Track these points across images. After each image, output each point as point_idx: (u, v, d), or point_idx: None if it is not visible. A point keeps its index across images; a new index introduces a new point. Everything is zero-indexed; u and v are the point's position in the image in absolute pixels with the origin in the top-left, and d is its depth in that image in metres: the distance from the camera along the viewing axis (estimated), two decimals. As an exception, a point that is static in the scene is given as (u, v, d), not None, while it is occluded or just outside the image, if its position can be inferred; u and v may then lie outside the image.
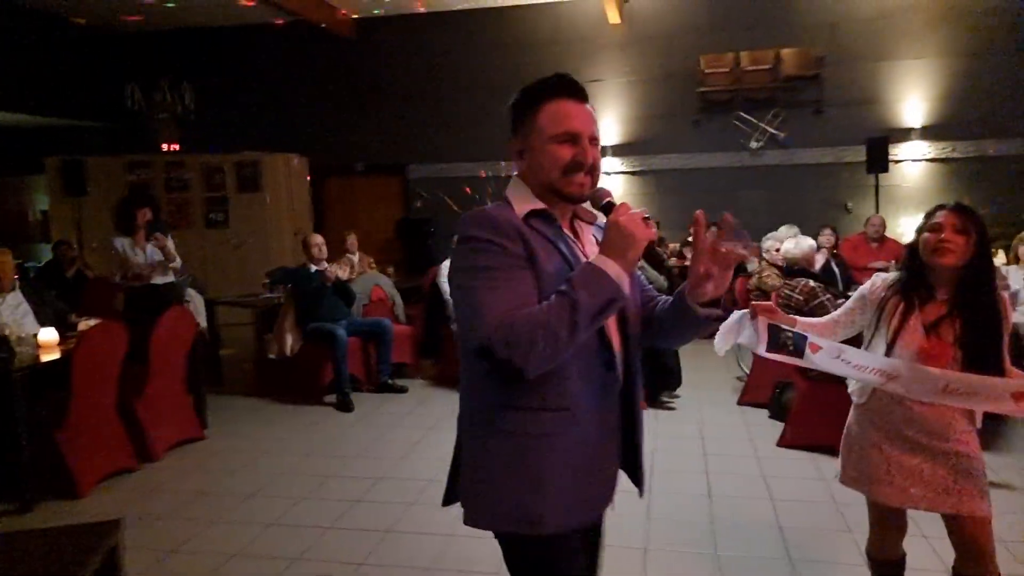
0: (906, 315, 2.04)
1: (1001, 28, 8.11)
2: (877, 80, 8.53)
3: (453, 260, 1.39)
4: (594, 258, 1.33)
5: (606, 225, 1.35)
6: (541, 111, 1.44)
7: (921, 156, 8.51)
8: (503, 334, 1.25)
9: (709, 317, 1.44)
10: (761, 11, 8.70)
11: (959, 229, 1.97)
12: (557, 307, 1.27)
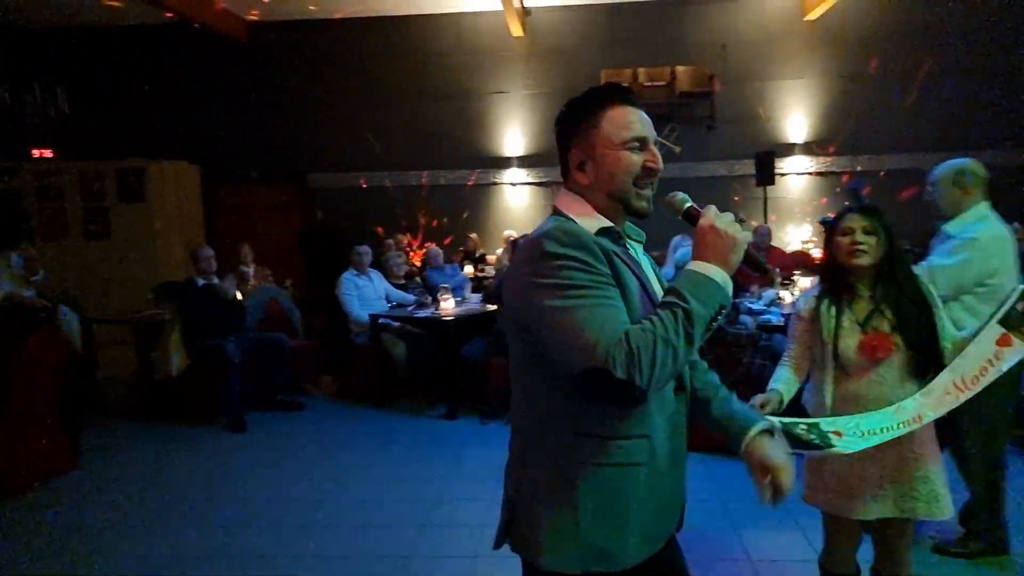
0: (839, 317, 2.12)
1: (872, 54, 8.78)
2: (764, 98, 9.03)
3: (529, 278, 1.26)
4: (696, 265, 1.27)
5: (699, 230, 1.31)
6: (604, 118, 1.38)
7: (804, 170, 9.06)
8: (621, 353, 1.15)
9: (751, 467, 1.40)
10: (658, 29, 9.03)
11: (868, 230, 2.09)
12: (671, 319, 1.19)
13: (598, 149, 1.38)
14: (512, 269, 1.37)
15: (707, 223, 1.30)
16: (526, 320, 1.28)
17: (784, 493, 1.34)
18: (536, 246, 1.27)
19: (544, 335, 1.24)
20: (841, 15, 8.67)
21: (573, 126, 1.42)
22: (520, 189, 9.38)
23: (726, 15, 8.93)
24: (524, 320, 1.29)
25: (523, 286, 1.27)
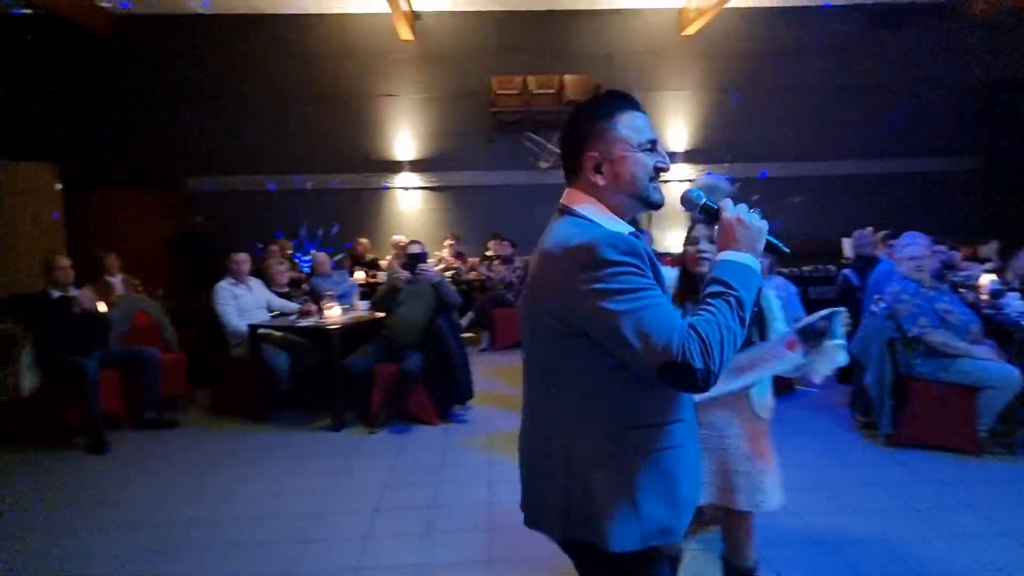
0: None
1: (745, 68, 9.34)
2: (648, 108, 9.28)
3: (589, 284, 1.31)
4: (732, 255, 1.37)
5: (727, 224, 1.41)
6: (619, 122, 1.45)
7: (685, 177, 9.48)
8: (696, 345, 1.24)
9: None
10: (547, 38, 9.20)
11: (712, 239, 2.19)
12: (727, 307, 1.30)
13: (616, 152, 1.44)
14: (558, 277, 1.37)
15: (734, 216, 1.41)
16: (583, 325, 1.34)
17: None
18: (591, 253, 1.31)
19: (614, 338, 1.30)
20: (716, 32, 9.17)
21: (589, 129, 1.47)
22: (412, 193, 9.27)
23: (611, 27, 9.22)
24: (580, 325, 1.35)
25: (581, 292, 1.31)
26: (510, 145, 9.26)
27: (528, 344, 1.52)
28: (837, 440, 4.51)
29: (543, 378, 1.48)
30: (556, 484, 1.45)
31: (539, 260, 1.43)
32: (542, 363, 1.47)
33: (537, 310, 1.44)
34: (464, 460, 4.33)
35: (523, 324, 1.53)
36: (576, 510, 1.43)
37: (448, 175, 9.24)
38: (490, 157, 9.27)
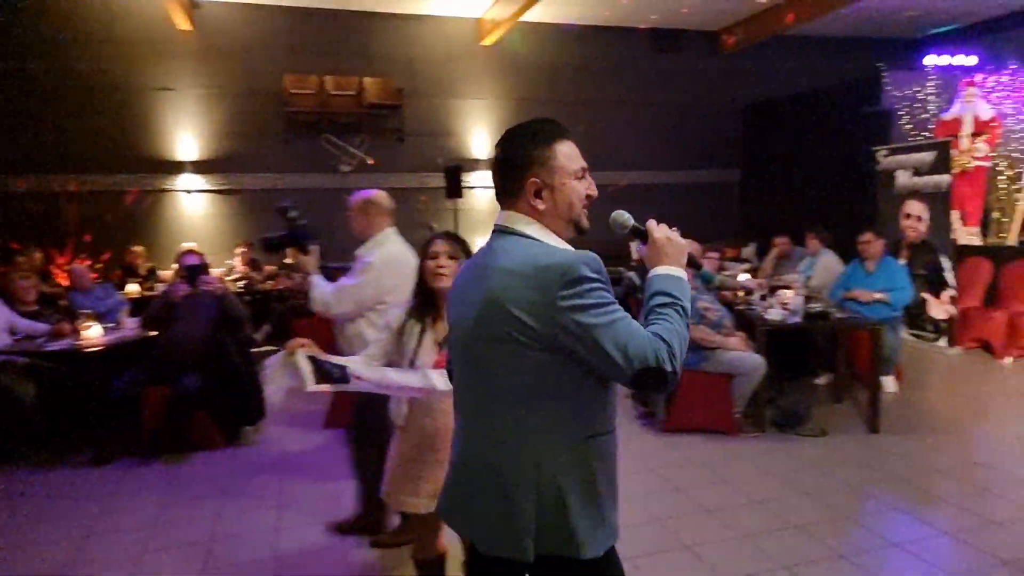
0: (421, 335, 2.24)
1: (540, 80, 9.78)
2: (451, 114, 9.49)
3: (567, 301, 1.36)
4: (667, 269, 1.50)
5: (658, 241, 1.53)
6: (557, 151, 1.51)
7: (489, 184, 9.70)
8: (664, 350, 1.35)
9: None
10: (344, 38, 8.92)
11: (451, 255, 2.22)
12: (677, 315, 1.42)
13: (557, 179, 1.50)
14: (533, 294, 1.39)
15: (664, 235, 1.53)
16: (559, 339, 1.38)
17: None
18: (569, 271, 1.37)
19: (593, 350, 1.36)
20: (513, 44, 9.51)
21: (531, 155, 1.50)
22: (197, 197, 8.51)
23: (411, 32, 9.18)
24: (555, 339, 1.38)
25: (559, 308, 1.36)
26: (308, 147, 8.86)
27: (475, 367, 1.51)
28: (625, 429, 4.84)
29: (506, 398, 1.46)
30: (525, 504, 1.45)
31: (500, 279, 1.43)
32: (505, 383, 1.46)
33: (496, 329, 1.43)
34: (250, 485, 4.02)
35: (466, 347, 1.53)
36: (548, 525, 1.45)
37: (239, 177, 8.61)
38: (286, 159, 8.80)
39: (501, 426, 1.47)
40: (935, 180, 6.50)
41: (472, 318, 1.48)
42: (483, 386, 1.50)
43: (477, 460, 1.53)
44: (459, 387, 1.61)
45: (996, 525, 3.30)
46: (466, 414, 1.58)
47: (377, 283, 3.05)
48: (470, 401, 1.56)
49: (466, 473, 1.56)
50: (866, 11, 9.16)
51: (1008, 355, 6.25)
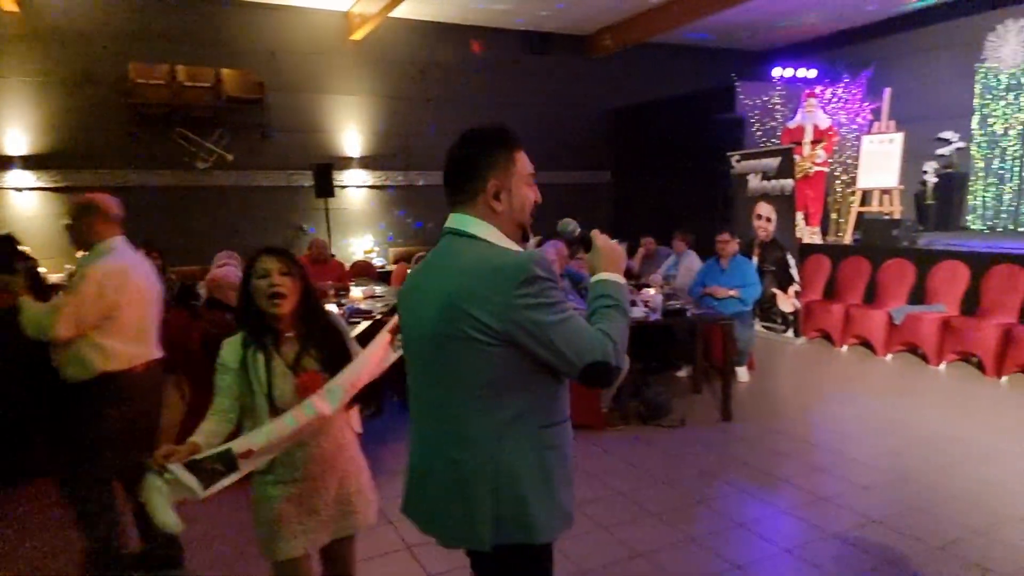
0: (269, 363, 1.96)
1: (412, 78, 9.62)
2: (318, 110, 9.12)
3: (524, 300, 1.42)
4: (610, 275, 1.60)
5: (600, 249, 1.62)
6: (516, 157, 1.59)
7: (362, 183, 9.45)
8: (613, 347, 1.46)
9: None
10: (198, 26, 8.35)
11: (284, 271, 1.98)
12: (620, 317, 1.53)
13: (511, 181, 1.57)
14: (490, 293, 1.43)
15: (607, 243, 1.64)
16: (515, 335, 1.43)
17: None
18: (524, 271, 1.42)
19: (546, 345, 1.43)
20: (383, 40, 9.29)
21: (494, 158, 1.57)
22: (27, 195, 7.67)
23: (273, 23, 8.74)
24: (511, 335, 1.43)
25: (516, 307, 1.42)
26: (158, 142, 8.21)
27: (434, 365, 1.54)
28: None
29: (466, 393, 1.50)
30: (484, 495, 1.50)
31: (457, 280, 1.47)
32: (465, 379, 1.50)
33: (456, 328, 1.46)
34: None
35: (424, 346, 1.55)
36: (507, 514, 1.50)
37: (77, 174, 7.82)
38: (133, 155, 8.10)
39: (462, 421, 1.52)
40: (781, 184, 7.00)
41: (431, 318, 1.51)
42: (442, 384, 1.54)
43: (438, 457, 1.56)
44: (415, 387, 1.63)
45: (825, 501, 3.55)
46: (423, 413, 1.61)
47: (99, 299, 2.62)
48: (428, 399, 1.59)
49: (426, 472, 1.60)
50: (723, 24, 9.75)
51: (845, 343, 6.83)
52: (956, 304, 6.25)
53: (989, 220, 8.98)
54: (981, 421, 4.69)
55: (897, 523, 3.28)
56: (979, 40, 8.89)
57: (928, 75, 9.48)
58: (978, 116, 8.97)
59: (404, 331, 1.66)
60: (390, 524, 3.30)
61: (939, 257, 6.52)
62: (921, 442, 4.32)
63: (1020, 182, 8.68)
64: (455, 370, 1.50)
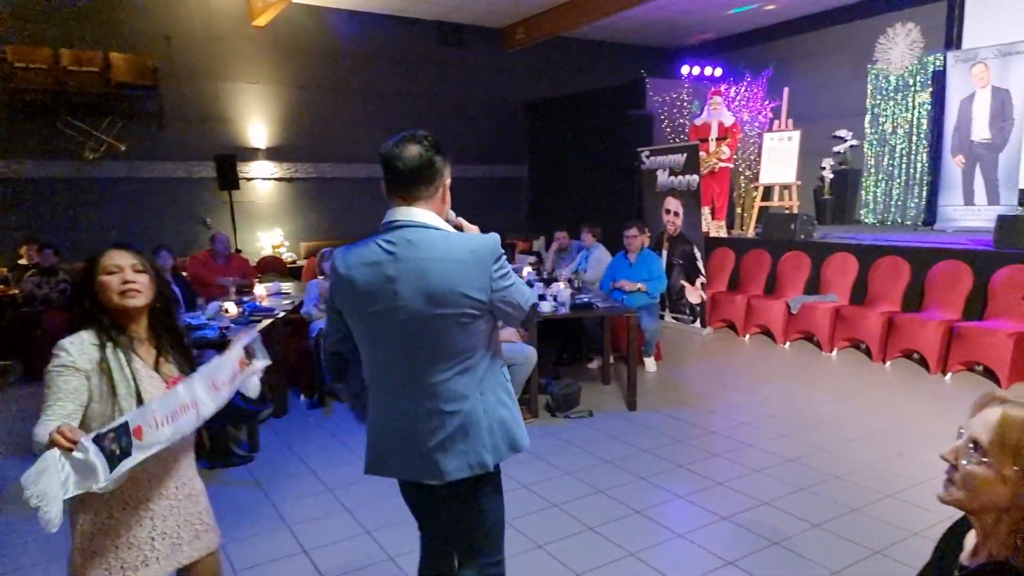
0: (131, 365, 1.80)
1: (321, 67, 9.33)
2: (219, 99, 8.71)
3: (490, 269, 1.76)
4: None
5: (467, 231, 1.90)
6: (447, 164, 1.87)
7: (269, 175, 9.10)
8: (536, 298, 1.98)
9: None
10: (84, 7, 7.80)
11: (138, 268, 1.83)
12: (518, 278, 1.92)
13: (447, 187, 1.89)
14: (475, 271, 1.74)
15: (472, 228, 1.92)
16: (494, 300, 1.77)
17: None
18: (494, 250, 1.78)
19: (509, 303, 1.80)
20: (289, 27, 8.97)
21: (446, 164, 1.86)
22: None
23: (168, 6, 8.29)
24: (492, 301, 1.77)
25: (493, 278, 1.76)
26: (42, 131, 7.64)
27: (418, 341, 1.77)
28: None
29: (455, 358, 1.78)
30: (482, 434, 1.82)
31: (443, 268, 1.73)
32: (455, 347, 1.77)
33: (451, 308, 1.73)
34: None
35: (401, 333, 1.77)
36: (499, 441, 1.86)
37: None
38: (13, 144, 7.52)
39: (448, 382, 1.80)
40: (687, 179, 7.19)
41: (419, 303, 1.73)
42: (424, 353, 1.78)
43: (429, 414, 1.81)
44: (388, 361, 1.83)
45: (720, 485, 3.67)
46: (399, 382, 1.83)
47: None
48: (405, 369, 1.81)
49: (410, 430, 1.84)
50: (634, 20, 9.93)
51: (748, 332, 7.11)
52: (846, 294, 6.60)
53: (880, 214, 9.55)
54: (865, 405, 4.97)
55: (783, 504, 3.42)
56: (871, 43, 9.41)
57: (826, 76, 9.99)
58: (869, 116, 9.52)
59: (373, 317, 1.80)
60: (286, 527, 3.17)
61: (832, 249, 6.87)
62: (810, 425, 4.53)
63: (907, 179, 9.26)
64: (439, 342, 1.77)
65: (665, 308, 7.65)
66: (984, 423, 1.19)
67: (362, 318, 1.82)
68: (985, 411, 1.21)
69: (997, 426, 1.16)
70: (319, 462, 4.12)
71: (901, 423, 4.55)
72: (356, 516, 3.43)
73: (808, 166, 9.43)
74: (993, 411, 1.19)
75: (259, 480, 3.88)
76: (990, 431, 1.17)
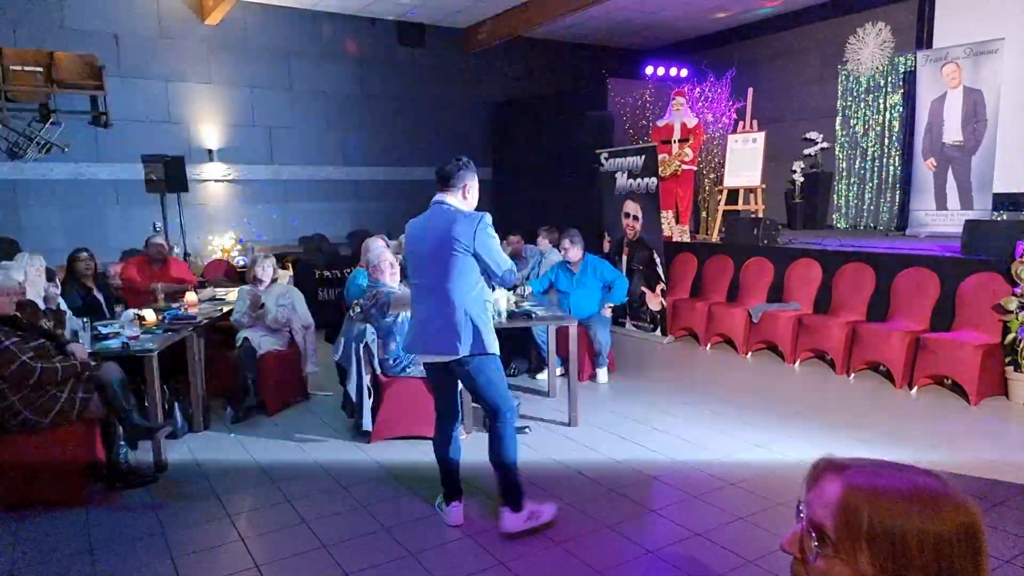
0: None
1: (275, 67, 9.05)
2: (169, 99, 8.42)
3: (483, 232, 3.03)
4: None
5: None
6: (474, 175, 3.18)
7: (222, 177, 8.80)
8: (511, 265, 3.16)
9: None
10: (26, 5, 7.51)
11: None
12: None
13: (473, 186, 3.17)
14: (470, 229, 3.01)
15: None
16: (478, 251, 3.01)
17: None
18: (483, 220, 3.04)
19: (488, 259, 3.04)
20: (242, 26, 8.69)
21: (466, 176, 3.14)
22: None
23: (116, 4, 7.99)
24: (476, 251, 3.01)
25: (480, 237, 3.01)
26: (-20, 131, 7.34)
27: (435, 269, 3.06)
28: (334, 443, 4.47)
29: (451, 278, 3.03)
30: (463, 329, 3.02)
31: (450, 225, 3.01)
32: (451, 271, 3.02)
33: (449, 247, 3.00)
34: None
35: (428, 260, 3.09)
36: (474, 337, 3.04)
37: None
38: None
39: (450, 292, 3.03)
40: (646, 182, 6.94)
41: (436, 242, 3.04)
42: (436, 274, 3.05)
43: (436, 312, 3.06)
44: (421, 279, 3.16)
45: (652, 512, 3.40)
46: (426, 290, 3.12)
47: None
48: (430, 283, 3.09)
49: (428, 320, 3.11)
50: (598, 20, 9.70)
51: (709, 342, 6.86)
52: (810, 302, 6.36)
53: (852, 219, 9.34)
54: (821, 420, 4.70)
55: (719, 536, 3.15)
56: (840, 43, 9.21)
57: (794, 76, 9.78)
58: (840, 117, 9.31)
59: (415, 249, 3.17)
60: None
61: (795, 255, 6.63)
62: (761, 444, 4.27)
63: (879, 182, 9.05)
64: (447, 266, 3.01)
65: (626, 315, 7.40)
66: (824, 503, 0.88)
67: (419, 252, 3.14)
68: (822, 484, 0.90)
69: (840, 508, 0.86)
70: (227, 484, 3.84)
71: (865, 440, 4.27)
72: (249, 547, 3.14)
73: (778, 169, 9.21)
74: (831, 486, 0.88)
75: (156, 504, 3.60)
76: (832, 515, 0.87)
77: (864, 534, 0.83)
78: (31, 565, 3.00)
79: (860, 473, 0.87)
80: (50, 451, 3.50)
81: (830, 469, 0.91)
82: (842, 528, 0.85)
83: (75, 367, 3.58)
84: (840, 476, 0.88)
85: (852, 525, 0.84)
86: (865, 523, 0.83)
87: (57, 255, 7.06)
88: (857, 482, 0.86)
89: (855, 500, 0.85)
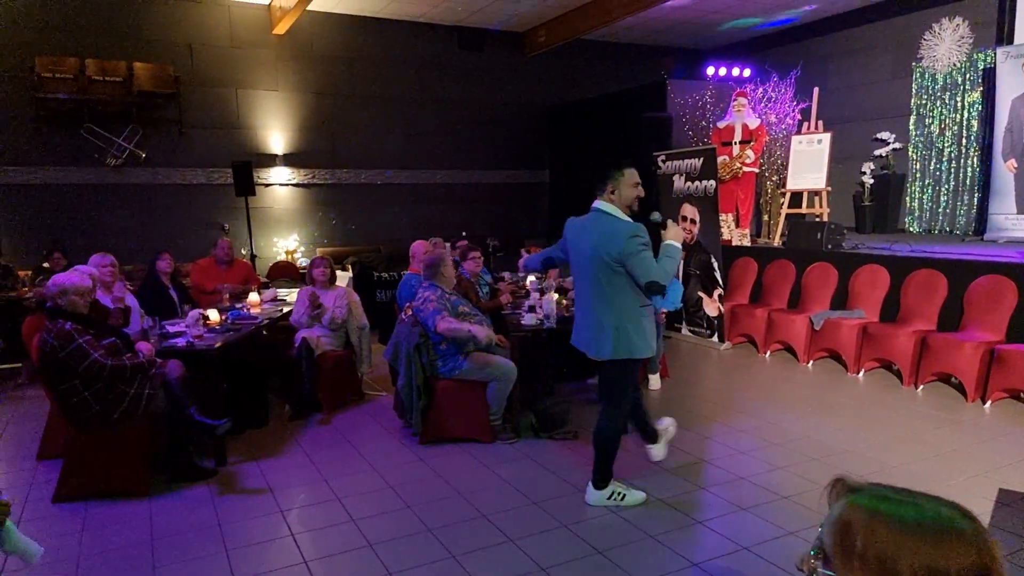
0: None
1: (339, 73, 9.30)
2: (238, 106, 8.77)
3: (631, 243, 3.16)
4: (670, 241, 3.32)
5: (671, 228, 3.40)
6: (625, 172, 3.35)
7: (287, 181, 9.11)
8: (659, 274, 3.17)
9: None
10: (108, 18, 7.97)
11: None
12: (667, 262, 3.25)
13: (622, 186, 3.33)
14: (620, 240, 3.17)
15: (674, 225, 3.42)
16: (624, 262, 3.17)
17: None
18: (631, 231, 3.17)
19: (636, 269, 3.16)
20: (307, 34, 8.97)
21: (611, 174, 3.34)
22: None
23: (190, 15, 8.39)
24: (623, 262, 3.18)
25: (629, 247, 3.14)
26: (66, 138, 7.83)
27: (589, 276, 3.33)
28: (384, 443, 4.56)
29: (602, 288, 3.29)
30: (611, 336, 3.28)
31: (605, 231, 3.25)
32: (603, 283, 3.27)
33: (601, 256, 3.23)
34: None
35: (584, 268, 3.36)
36: (621, 344, 3.29)
37: None
38: (39, 151, 7.73)
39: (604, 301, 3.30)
40: (704, 185, 6.80)
41: (589, 250, 3.29)
42: (589, 283, 3.35)
43: (591, 316, 3.37)
44: (580, 286, 3.46)
45: (699, 524, 3.33)
46: (585, 297, 3.42)
47: None
48: (587, 290, 3.38)
49: (585, 323, 3.42)
50: (659, 21, 9.56)
51: (768, 349, 6.66)
52: (876, 310, 6.10)
53: (926, 222, 8.90)
54: (887, 435, 4.50)
55: (765, 550, 3.07)
56: (915, 40, 8.79)
57: (864, 75, 9.38)
58: (914, 116, 8.88)
59: (575, 255, 3.44)
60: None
61: (862, 261, 6.37)
62: (817, 457, 4.12)
63: (956, 184, 8.59)
64: (598, 277, 3.28)
65: (682, 321, 7.26)
66: (828, 521, 0.90)
67: (572, 255, 3.45)
68: (831, 503, 0.92)
69: (838, 527, 0.87)
70: (281, 480, 3.97)
71: (927, 458, 4.08)
72: (299, 542, 3.25)
73: (846, 171, 8.87)
74: (837, 505, 0.90)
75: (215, 497, 3.76)
76: (831, 533, 0.88)
77: (857, 555, 0.83)
78: (96, 553, 3.19)
79: (866, 495, 0.88)
80: (117, 444, 3.71)
81: (842, 489, 0.92)
82: (838, 547, 0.86)
83: (142, 364, 3.77)
84: (847, 496, 0.90)
85: (847, 545, 0.85)
86: (859, 545, 0.83)
87: (131, 256, 7.48)
88: (859, 504, 0.87)
89: (852, 521, 0.86)
